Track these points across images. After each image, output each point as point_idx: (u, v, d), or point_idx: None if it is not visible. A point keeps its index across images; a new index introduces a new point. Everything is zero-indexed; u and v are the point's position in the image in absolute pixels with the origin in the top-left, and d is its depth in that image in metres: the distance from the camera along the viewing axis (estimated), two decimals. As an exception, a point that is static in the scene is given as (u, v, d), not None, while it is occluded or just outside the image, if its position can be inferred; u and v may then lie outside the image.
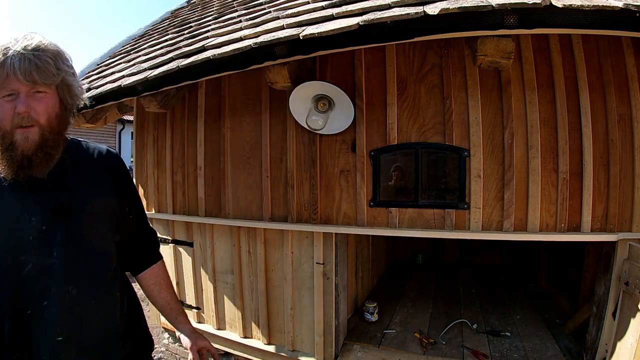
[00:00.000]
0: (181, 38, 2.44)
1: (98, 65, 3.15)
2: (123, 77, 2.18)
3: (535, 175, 1.77)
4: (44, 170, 0.88)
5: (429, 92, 1.89)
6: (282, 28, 1.66)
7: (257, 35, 1.69)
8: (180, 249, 2.68)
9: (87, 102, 1.02)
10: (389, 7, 1.46)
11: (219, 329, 2.55)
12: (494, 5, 1.23)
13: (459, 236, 1.89)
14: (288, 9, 1.96)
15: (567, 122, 1.75)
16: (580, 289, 2.40)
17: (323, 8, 1.72)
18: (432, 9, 1.30)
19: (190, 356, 1.12)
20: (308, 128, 1.95)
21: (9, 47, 0.81)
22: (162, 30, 3.34)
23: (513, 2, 1.22)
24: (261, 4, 2.42)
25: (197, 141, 2.51)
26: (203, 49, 1.88)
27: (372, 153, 1.97)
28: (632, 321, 1.59)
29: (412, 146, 1.91)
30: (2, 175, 0.85)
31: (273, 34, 1.62)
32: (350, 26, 1.39)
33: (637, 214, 1.72)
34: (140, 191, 2.88)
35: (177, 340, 2.91)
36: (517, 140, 1.78)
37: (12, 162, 0.84)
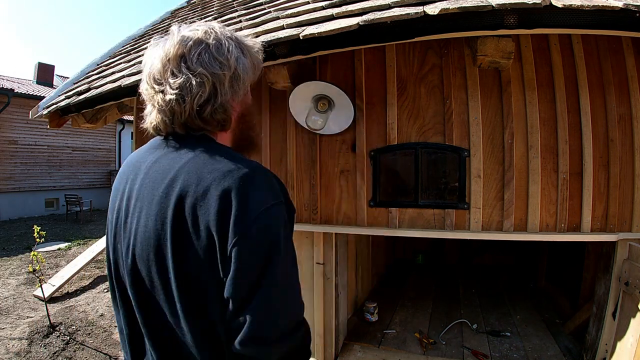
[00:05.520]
0: (181, 38, 2.44)
1: (98, 65, 3.15)
2: (123, 77, 2.18)
3: (535, 175, 1.77)
4: None
5: (429, 92, 1.89)
6: (282, 28, 1.66)
7: (257, 35, 1.69)
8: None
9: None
10: (389, 7, 1.46)
11: (219, 329, 2.55)
12: (494, 5, 1.23)
13: (459, 236, 1.89)
14: (288, 9, 1.96)
15: (567, 122, 1.75)
16: (580, 289, 2.40)
17: (323, 8, 1.72)
18: (432, 9, 1.30)
19: None
20: (308, 128, 1.95)
21: None
22: (162, 30, 3.34)
23: (513, 2, 1.22)
24: (261, 4, 2.42)
25: (197, 141, 2.50)
26: (203, 49, 1.88)
27: (372, 153, 1.97)
28: (632, 321, 1.59)
29: (412, 146, 1.91)
30: None
31: (273, 34, 1.62)
32: (350, 26, 1.38)
33: (637, 214, 1.72)
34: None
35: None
36: (517, 140, 1.78)
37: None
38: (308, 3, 1.93)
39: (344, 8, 1.59)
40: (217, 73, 0.71)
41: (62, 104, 2.48)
